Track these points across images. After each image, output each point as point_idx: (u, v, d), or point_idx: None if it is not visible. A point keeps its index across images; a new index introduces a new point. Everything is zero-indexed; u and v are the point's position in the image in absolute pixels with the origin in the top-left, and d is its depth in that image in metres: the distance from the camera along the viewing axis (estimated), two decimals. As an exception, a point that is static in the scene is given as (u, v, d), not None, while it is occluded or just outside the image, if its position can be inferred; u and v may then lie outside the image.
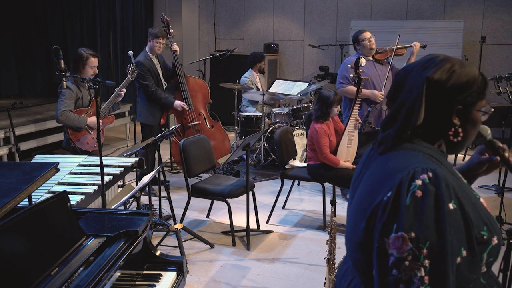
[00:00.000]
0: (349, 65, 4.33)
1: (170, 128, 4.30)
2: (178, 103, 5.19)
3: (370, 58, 4.65)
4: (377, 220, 1.15)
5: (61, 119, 4.04)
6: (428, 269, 1.08)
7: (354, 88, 4.38)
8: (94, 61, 4.19)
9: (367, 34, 4.59)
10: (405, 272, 1.09)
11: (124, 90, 4.44)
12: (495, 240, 1.18)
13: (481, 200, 1.25)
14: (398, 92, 1.28)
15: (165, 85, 5.27)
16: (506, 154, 1.39)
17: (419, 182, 1.12)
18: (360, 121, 4.27)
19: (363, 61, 4.16)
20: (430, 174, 1.13)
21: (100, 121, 4.24)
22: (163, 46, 5.14)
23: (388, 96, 1.33)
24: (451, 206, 1.11)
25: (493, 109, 1.31)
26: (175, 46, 5.26)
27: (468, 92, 1.23)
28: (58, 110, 4.04)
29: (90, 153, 4.15)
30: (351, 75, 4.33)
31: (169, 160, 6.01)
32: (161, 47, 5.11)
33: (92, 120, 4.17)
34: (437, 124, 1.24)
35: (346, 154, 4.26)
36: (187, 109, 5.27)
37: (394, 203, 1.12)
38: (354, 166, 4.31)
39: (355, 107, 4.21)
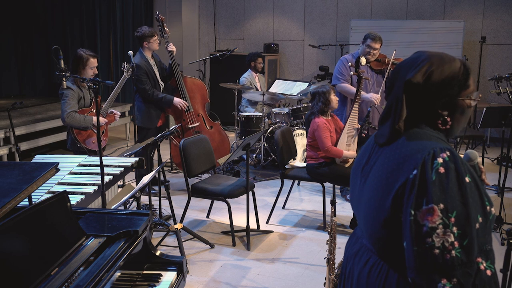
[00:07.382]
0: (350, 63, 4.33)
1: (170, 128, 4.30)
2: (177, 100, 5.11)
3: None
4: (406, 196, 1.27)
5: (68, 121, 4.02)
6: (457, 234, 1.22)
7: (351, 86, 4.39)
8: (94, 62, 4.19)
9: (376, 45, 4.52)
10: (438, 239, 1.22)
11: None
12: (493, 210, 1.32)
13: None
14: (392, 87, 1.42)
15: (162, 85, 5.19)
16: (483, 176, 1.54)
17: (440, 160, 1.26)
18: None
19: (363, 60, 4.15)
20: (448, 153, 1.27)
21: (105, 119, 4.27)
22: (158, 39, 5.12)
23: (385, 90, 1.48)
24: (467, 179, 1.25)
25: (480, 95, 1.44)
26: (172, 47, 5.14)
27: (449, 87, 1.34)
28: (64, 112, 4.01)
29: (96, 152, 4.14)
30: (351, 73, 4.33)
31: (169, 160, 6.01)
32: (157, 42, 5.07)
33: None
34: (425, 116, 1.37)
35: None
36: (187, 106, 5.19)
37: (421, 179, 1.25)
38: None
39: (354, 106, 4.21)
